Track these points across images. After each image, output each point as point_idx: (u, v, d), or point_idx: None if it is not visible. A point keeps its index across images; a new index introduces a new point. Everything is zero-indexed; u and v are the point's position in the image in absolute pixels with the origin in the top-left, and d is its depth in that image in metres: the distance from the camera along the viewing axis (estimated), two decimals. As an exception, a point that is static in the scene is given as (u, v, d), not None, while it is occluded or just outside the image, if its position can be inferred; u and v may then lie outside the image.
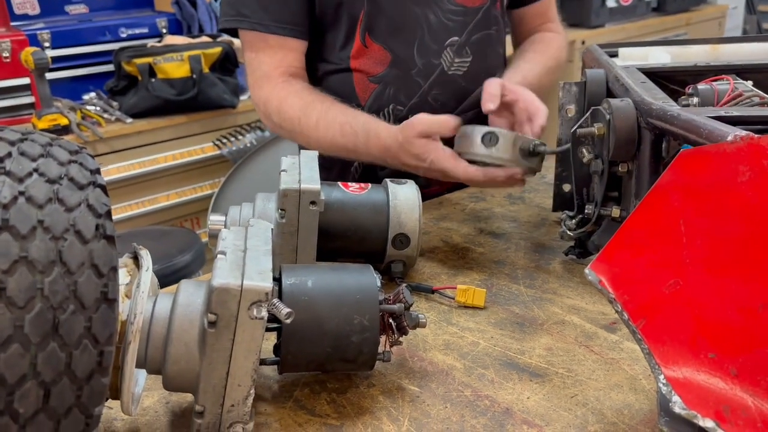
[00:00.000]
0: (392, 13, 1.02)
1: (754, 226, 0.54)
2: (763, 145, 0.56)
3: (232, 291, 0.49)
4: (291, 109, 1.02)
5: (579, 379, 0.61)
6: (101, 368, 0.42)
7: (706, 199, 0.56)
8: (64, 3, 2.40)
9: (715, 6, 4.09)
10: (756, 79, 0.89)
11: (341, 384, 0.62)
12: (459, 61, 1.05)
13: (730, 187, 0.55)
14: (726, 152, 0.56)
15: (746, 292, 0.52)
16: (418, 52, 1.03)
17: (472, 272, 0.83)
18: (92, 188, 0.44)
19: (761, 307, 0.51)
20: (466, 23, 1.05)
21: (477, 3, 1.06)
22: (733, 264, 0.53)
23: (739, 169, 0.55)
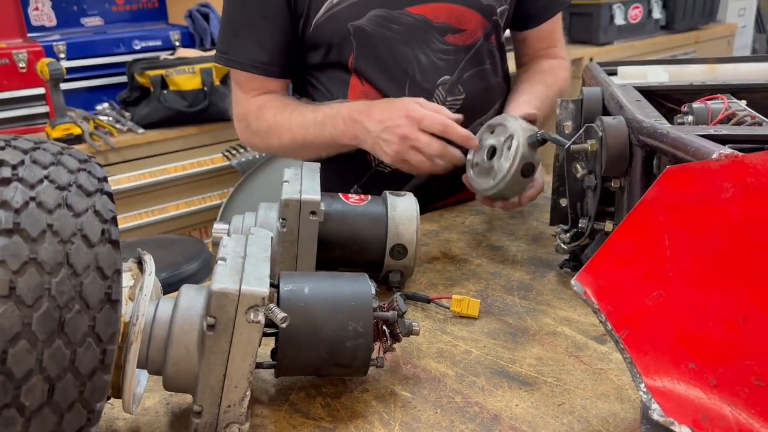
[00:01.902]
0: (382, 55, 1.02)
1: (737, 241, 0.56)
2: (747, 162, 0.58)
3: (231, 295, 0.51)
4: (269, 110, 1.06)
5: (567, 388, 0.63)
6: (104, 366, 0.44)
7: (690, 215, 0.58)
8: (80, 15, 2.45)
9: (725, 24, 4.10)
10: (751, 99, 0.91)
11: (336, 389, 0.64)
12: (451, 99, 1.05)
13: (714, 203, 0.57)
14: (711, 169, 0.58)
15: (728, 305, 0.54)
16: (409, 92, 1.03)
17: (468, 283, 0.84)
18: (99, 195, 0.47)
19: (742, 319, 0.53)
20: (458, 61, 1.05)
21: (468, 41, 1.05)
22: (716, 278, 0.55)
23: (723, 186, 0.57)
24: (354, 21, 1.01)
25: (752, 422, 0.50)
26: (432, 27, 1.03)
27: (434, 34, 1.03)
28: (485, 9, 1.05)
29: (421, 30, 1.03)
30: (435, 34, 1.03)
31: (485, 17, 1.06)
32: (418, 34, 1.03)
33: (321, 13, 1.01)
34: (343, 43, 1.02)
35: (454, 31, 1.04)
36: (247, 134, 1.10)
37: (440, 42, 1.04)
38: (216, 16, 2.40)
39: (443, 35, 1.04)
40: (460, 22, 1.04)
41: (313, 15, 1.01)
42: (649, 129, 0.69)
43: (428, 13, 1.02)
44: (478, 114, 1.09)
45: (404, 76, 1.04)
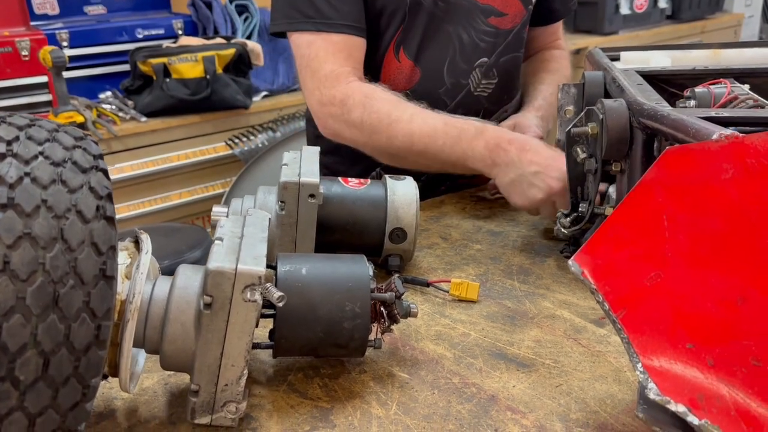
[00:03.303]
0: (426, 30, 1.03)
1: (736, 222, 0.55)
2: (747, 143, 0.57)
3: (227, 274, 0.51)
4: (381, 103, 0.97)
5: (565, 370, 0.62)
6: (98, 341, 0.44)
7: (689, 196, 0.57)
8: (83, 3, 2.45)
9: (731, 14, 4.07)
10: (754, 83, 0.91)
11: (334, 370, 0.64)
12: (486, 82, 1.07)
13: (714, 184, 0.57)
14: (710, 150, 0.58)
15: (726, 285, 0.54)
16: (447, 71, 1.04)
17: (468, 267, 0.84)
18: (95, 172, 0.47)
19: (740, 300, 0.53)
20: (497, 45, 1.07)
21: (509, 25, 1.07)
22: (714, 258, 0.55)
23: (722, 167, 0.57)
24: None
25: (749, 402, 0.50)
26: (477, 7, 1.05)
27: (479, 15, 1.05)
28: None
29: (467, 9, 1.04)
30: (480, 14, 1.05)
31: (523, 4, 1.09)
32: (464, 13, 1.04)
33: None
34: (396, 12, 1.02)
35: (497, 14, 1.06)
36: (340, 123, 1.00)
37: (483, 23, 1.06)
38: (219, 4, 2.39)
39: (487, 17, 1.06)
40: (503, 5, 1.06)
41: None
42: (650, 111, 0.69)
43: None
44: (505, 101, 1.12)
45: (445, 53, 1.05)
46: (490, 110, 1.10)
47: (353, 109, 0.98)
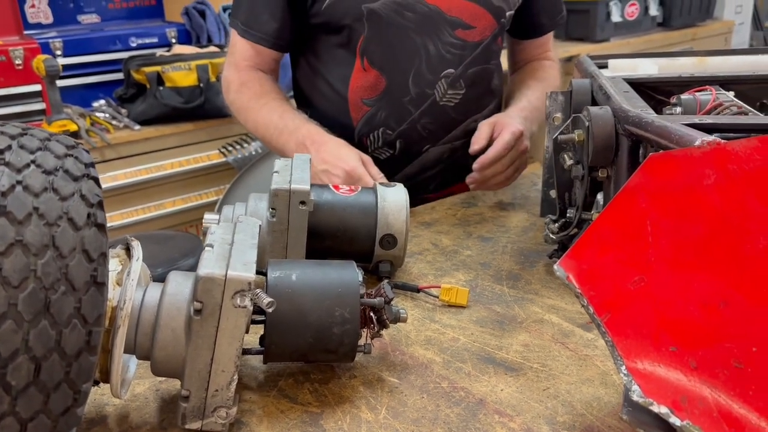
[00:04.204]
0: (392, 40, 1.04)
1: (718, 227, 0.56)
2: (729, 149, 0.58)
3: (217, 280, 0.52)
4: (249, 92, 1.10)
5: (552, 374, 0.63)
6: (89, 347, 0.45)
7: (672, 201, 0.58)
8: (76, 12, 2.46)
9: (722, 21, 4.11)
10: (739, 90, 0.92)
11: (324, 375, 0.65)
12: (452, 92, 1.08)
13: (696, 189, 0.58)
14: (693, 156, 0.59)
15: (708, 289, 0.55)
16: (413, 81, 1.06)
17: (458, 273, 0.85)
18: (86, 180, 0.47)
19: (722, 303, 0.54)
20: (464, 57, 1.08)
21: (477, 38, 1.08)
22: (697, 263, 0.56)
23: (705, 173, 0.58)
24: (369, 4, 1.03)
25: (731, 403, 0.51)
26: (444, 19, 1.06)
27: (446, 27, 1.06)
28: (496, 10, 1.08)
29: (434, 21, 1.05)
30: (446, 26, 1.06)
31: (495, 18, 1.09)
32: (430, 25, 1.05)
33: None
34: (355, 24, 1.04)
35: (464, 26, 1.07)
36: (226, 98, 1.16)
37: (450, 35, 1.06)
38: (212, 13, 2.40)
39: (454, 29, 1.07)
40: (471, 18, 1.07)
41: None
42: (635, 118, 0.70)
43: (442, 5, 1.05)
44: (473, 111, 1.12)
45: (410, 64, 1.06)
46: (457, 120, 1.11)
47: (229, 92, 1.13)
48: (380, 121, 1.08)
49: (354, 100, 1.09)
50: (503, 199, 1.11)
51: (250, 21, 1.08)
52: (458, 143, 1.12)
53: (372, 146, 1.10)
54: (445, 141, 1.12)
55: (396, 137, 1.08)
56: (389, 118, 1.08)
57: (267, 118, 1.07)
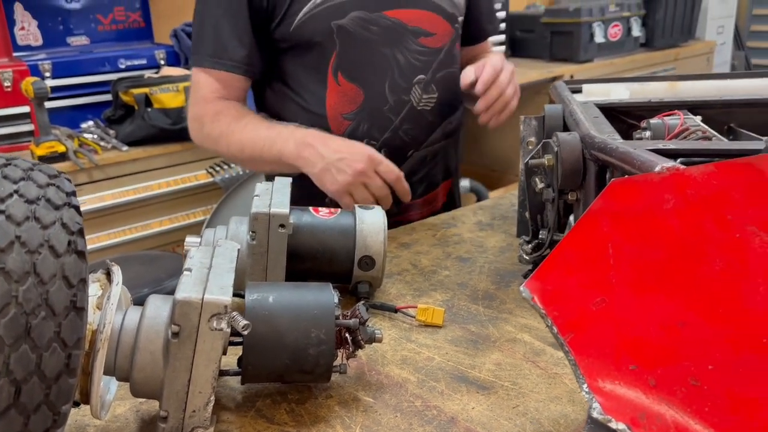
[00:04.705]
0: (363, 54, 1.09)
1: (677, 250, 0.59)
2: (687, 175, 0.61)
3: (194, 304, 0.54)
4: (226, 117, 1.10)
5: (522, 392, 0.65)
6: (69, 370, 0.46)
7: (633, 225, 0.61)
8: (66, 35, 2.48)
9: (703, 42, 4.18)
10: (707, 115, 0.96)
11: (301, 395, 0.66)
12: (427, 97, 1.14)
13: (656, 213, 0.61)
14: (653, 181, 0.62)
15: (667, 310, 0.57)
16: (389, 89, 1.11)
17: (435, 293, 0.87)
18: (67, 208, 0.49)
19: (680, 324, 0.56)
20: (431, 62, 1.14)
21: (439, 44, 1.15)
22: (656, 284, 0.58)
23: (664, 197, 0.61)
24: (337, 20, 1.07)
25: (688, 420, 0.53)
26: (407, 30, 1.11)
27: (409, 36, 1.12)
28: (450, 16, 1.16)
29: (398, 32, 1.11)
30: (410, 36, 1.12)
31: (450, 24, 1.16)
32: (396, 36, 1.11)
33: (304, 12, 1.07)
34: (326, 41, 1.08)
35: (426, 34, 1.13)
36: (199, 135, 1.15)
37: (415, 44, 1.12)
38: (201, 36, 2.43)
39: (417, 38, 1.12)
40: (431, 26, 1.13)
41: (294, 15, 1.07)
42: (600, 144, 0.73)
43: (403, 17, 1.11)
44: (448, 113, 1.19)
45: (384, 74, 1.11)
46: (434, 123, 1.16)
47: (205, 124, 1.12)
48: (363, 133, 1.12)
49: (333, 117, 1.12)
50: (482, 219, 1.14)
51: (218, 51, 1.09)
52: (438, 145, 1.19)
53: None
54: (427, 144, 1.17)
55: (381, 146, 1.12)
56: (372, 128, 1.12)
57: (254, 134, 1.08)
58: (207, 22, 1.10)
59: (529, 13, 3.54)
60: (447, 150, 1.20)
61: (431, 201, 1.23)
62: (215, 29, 1.09)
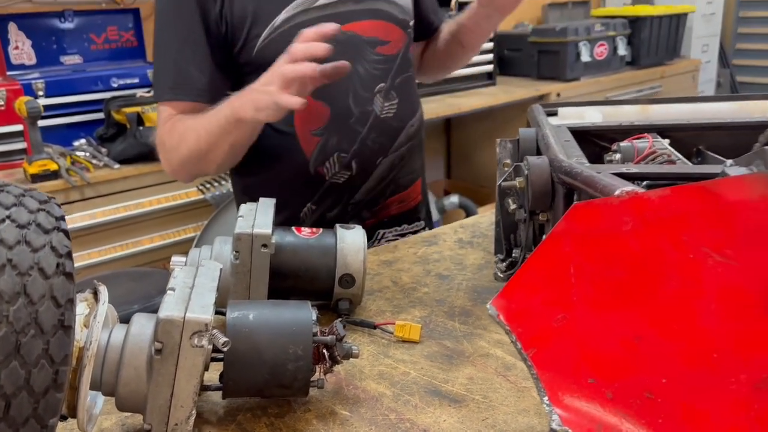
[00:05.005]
0: None
1: (634, 269, 0.62)
2: (645, 198, 0.65)
3: (176, 322, 0.57)
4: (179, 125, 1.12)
5: (492, 405, 0.68)
6: (56, 385, 0.49)
7: (593, 246, 0.64)
8: (59, 54, 2.52)
9: (689, 60, 4.26)
10: (677, 137, 1.00)
11: (281, 409, 0.69)
12: (388, 104, 1.19)
13: (615, 235, 0.64)
14: (612, 205, 0.65)
15: (624, 326, 0.60)
16: (353, 102, 1.16)
17: (414, 310, 0.90)
18: (56, 232, 0.52)
19: (636, 339, 0.60)
20: (389, 69, 1.19)
21: (395, 51, 1.20)
22: (615, 302, 0.62)
23: (623, 220, 0.64)
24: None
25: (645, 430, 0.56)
26: (364, 41, 1.16)
27: (366, 47, 1.17)
28: (401, 22, 1.22)
29: (355, 45, 1.16)
30: (367, 47, 1.17)
31: (402, 29, 1.22)
32: (354, 49, 1.15)
33: (264, 36, 1.11)
34: None
35: (381, 43, 1.18)
36: (165, 159, 1.15)
37: (372, 54, 1.17)
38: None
39: (374, 47, 1.18)
40: (385, 34, 1.19)
41: (254, 39, 1.11)
42: (567, 168, 0.77)
43: (358, 30, 1.16)
44: (409, 117, 1.25)
45: (347, 87, 1.15)
46: (397, 128, 1.22)
47: (165, 142, 1.14)
48: (333, 147, 1.16)
49: (302, 134, 1.16)
50: (463, 237, 1.17)
51: (178, 82, 1.12)
52: (404, 149, 1.24)
53: (329, 173, 1.17)
54: (394, 149, 1.22)
55: (351, 158, 1.17)
56: (341, 142, 1.16)
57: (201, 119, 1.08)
58: (167, 55, 1.13)
59: (516, 32, 3.61)
60: (412, 151, 1.26)
61: (405, 199, 1.28)
62: (175, 61, 1.11)
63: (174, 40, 1.12)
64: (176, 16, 1.11)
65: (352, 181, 1.19)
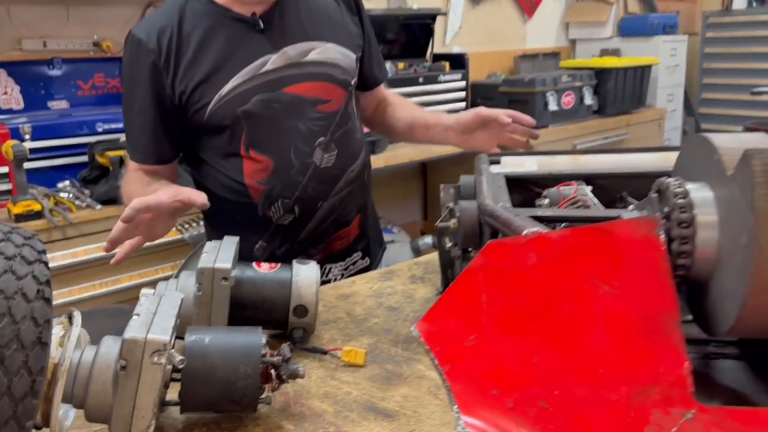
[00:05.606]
0: (268, 129, 1.28)
1: (536, 297, 0.73)
2: (548, 238, 0.76)
3: (138, 342, 0.66)
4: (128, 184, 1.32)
5: (420, 419, 0.77)
6: (33, 392, 0.58)
7: (502, 278, 0.75)
8: (47, 99, 2.64)
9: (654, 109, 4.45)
10: (603, 185, 1.12)
11: (233, 424, 0.78)
12: (327, 155, 1.32)
13: (521, 269, 0.75)
14: (520, 243, 0.76)
15: (525, 346, 0.71)
16: (294, 155, 1.29)
17: (363, 338, 1.00)
18: (38, 263, 0.62)
19: (535, 357, 0.70)
20: (329, 125, 1.32)
21: (335, 108, 1.34)
22: (518, 326, 0.72)
23: (528, 256, 0.75)
24: (242, 106, 1.26)
25: (538, 435, 0.66)
26: (305, 101, 1.30)
27: (308, 107, 1.30)
28: (342, 82, 1.35)
29: (297, 105, 1.29)
30: (308, 106, 1.30)
31: (343, 89, 1.35)
32: (295, 109, 1.29)
33: (213, 103, 1.26)
34: (235, 125, 1.27)
35: (322, 102, 1.32)
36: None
37: (313, 112, 1.31)
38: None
39: (314, 106, 1.31)
40: (325, 94, 1.32)
41: (205, 107, 1.26)
42: (490, 211, 0.88)
43: (300, 91, 1.29)
44: (349, 163, 1.38)
45: (288, 143, 1.29)
46: (336, 175, 1.35)
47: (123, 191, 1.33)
48: (277, 194, 1.31)
49: (251, 184, 1.31)
50: (416, 273, 1.28)
51: (131, 144, 1.32)
52: (344, 192, 1.37)
53: (275, 215, 1.32)
54: (333, 194, 1.35)
55: (293, 203, 1.31)
56: (284, 190, 1.30)
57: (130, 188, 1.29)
58: (127, 120, 1.33)
59: (489, 82, 3.79)
60: (353, 193, 1.39)
61: (345, 235, 1.42)
62: (130, 127, 1.32)
63: (131, 108, 1.30)
64: (134, 86, 1.28)
65: (296, 223, 1.34)
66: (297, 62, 1.29)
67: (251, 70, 1.26)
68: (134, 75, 1.26)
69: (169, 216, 1.14)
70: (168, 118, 1.28)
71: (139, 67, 1.25)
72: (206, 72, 1.25)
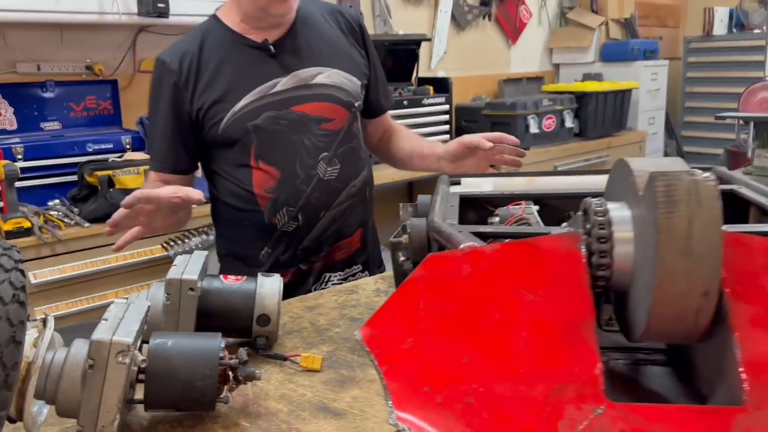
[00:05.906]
0: (276, 143, 1.40)
1: (468, 305, 0.81)
2: (482, 251, 0.84)
3: (105, 343, 0.74)
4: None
5: (366, 417, 0.84)
6: (7, 385, 0.65)
7: (439, 287, 0.83)
8: (40, 120, 2.72)
9: (635, 132, 4.56)
10: (552, 204, 1.20)
11: (194, 422, 0.85)
12: (330, 169, 1.43)
13: (456, 279, 0.83)
14: (457, 256, 0.84)
15: (456, 348, 0.78)
16: (299, 167, 1.40)
17: (323, 346, 1.07)
18: (15, 271, 0.69)
19: (464, 358, 0.77)
20: (333, 141, 1.43)
21: (339, 126, 1.45)
22: (451, 330, 0.79)
23: (463, 267, 0.83)
24: (252, 121, 1.39)
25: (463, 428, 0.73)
26: (311, 119, 1.42)
27: (313, 125, 1.42)
28: (346, 104, 1.47)
29: (303, 123, 1.41)
30: (313, 124, 1.42)
31: (347, 110, 1.47)
32: (301, 126, 1.41)
33: (227, 119, 1.39)
34: (246, 139, 1.39)
35: (326, 120, 1.44)
36: None
37: (318, 129, 1.42)
38: (164, 123, 2.68)
39: (319, 124, 1.43)
40: (330, 114, 1.44)
41: (219, 123, 1.39)
42: (436, 227, 0.96)
43: (307, 110, 1.41)
44: (351, 178, 1.49)
45: (294, 156, 1.40)
46: (339, 188, 1.46)
47: None
48: (282, 202, 1.42)
49: (259, 193, 1.43)
50: (381, 287, 1.35)
51: (152, 155, 1.46)
52: (345, 205, 1.48)
53: (280, 223, 1.44)
54: (335, 206, 1.46)
55: (297, 212, 1.42)
56: (289, 199, 1.42)
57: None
58: (151, 133, 1.47)
59: (472, 105, 3.89)
60: (354, 207, 1.49)
61: (346, 246, 1.52)
62: (151, 139, 1.45)
63: (154, 122, 1.44)
64: (158, 102, 1.42)
65: (299, 230, 1.45)
66: (305, 84, 1.42)
67: (262, 90, 1.39)
68: (158, 93, 1.41)
69: (169, 211, 1.25)
70: (186, 132, 1.41)
71: (163, 86, 1.40)
72: (221, 92, 1.38)
